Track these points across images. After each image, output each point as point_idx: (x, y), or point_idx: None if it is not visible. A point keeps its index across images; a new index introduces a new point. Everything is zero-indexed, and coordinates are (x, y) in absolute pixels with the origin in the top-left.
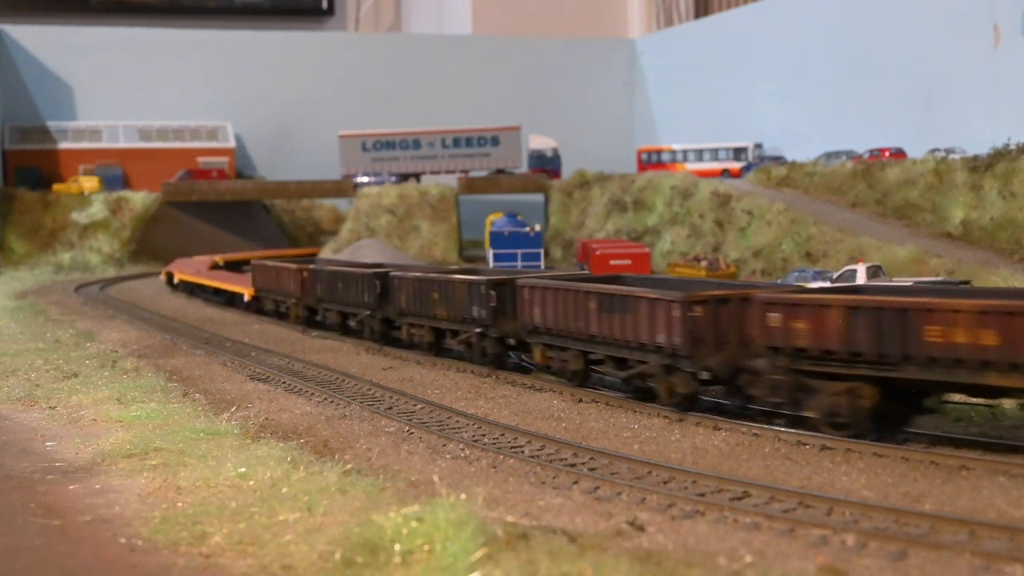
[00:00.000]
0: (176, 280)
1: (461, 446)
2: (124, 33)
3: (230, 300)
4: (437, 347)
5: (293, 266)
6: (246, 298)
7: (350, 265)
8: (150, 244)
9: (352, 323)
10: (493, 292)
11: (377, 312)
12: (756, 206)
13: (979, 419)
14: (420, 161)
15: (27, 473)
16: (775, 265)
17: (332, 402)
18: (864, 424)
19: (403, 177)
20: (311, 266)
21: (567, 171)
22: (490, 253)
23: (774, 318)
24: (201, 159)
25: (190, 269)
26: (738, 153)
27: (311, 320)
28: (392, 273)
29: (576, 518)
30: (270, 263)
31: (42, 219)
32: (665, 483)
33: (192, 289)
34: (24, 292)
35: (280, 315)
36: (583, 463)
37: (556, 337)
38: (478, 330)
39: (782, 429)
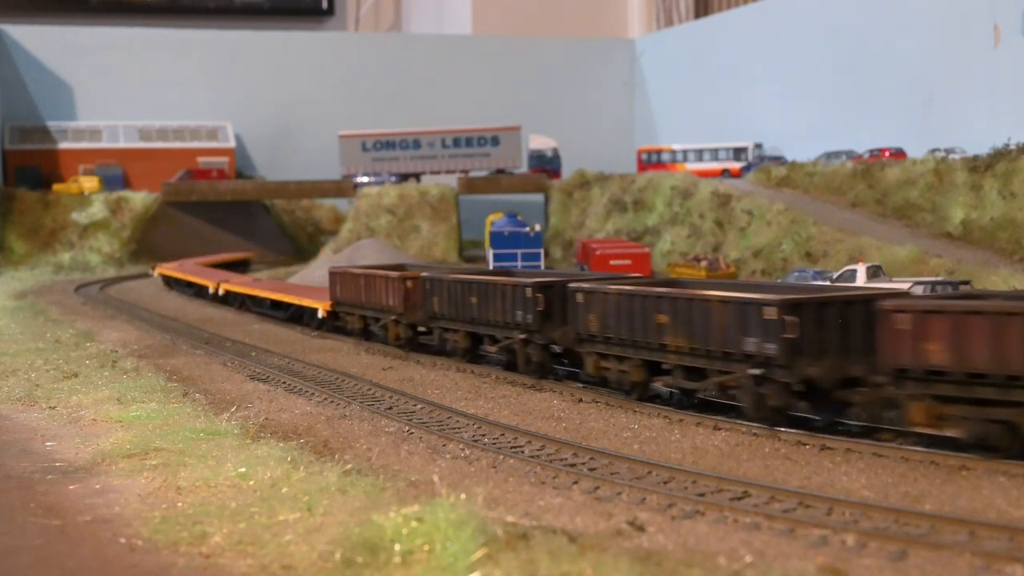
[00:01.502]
0: (222, 292)
1: (461, 446)
2: (124, 33)
3: (297, 316)
4: (645, 388)
5: (394, 274)
6: (320, 314)
7: (487, 273)
8: (150, 244)
9: (490, 349)
10: (792, 318)
11: (537, 336)
12: (756, 206)
13: None
14: (420, 161)
15: (27, 473)
16: (775, 265)
17: (332, 402)
18: None
19: (403, 177)
20: (423, 273)
21: (567, 171)
22: (490, 253)
23: None
24: (201, 159)
25: (182, 271)
26: (738, 153)
27: (415, 342)
28: (574, 285)
29: (576, 518)
30: (357, 270)
31: (42, 219)
32: (665, 483)
33: (243, 302)
34: (24, 292)
35: (368, 335)
36: (583, 463)
37: (968, 385)
38: (755, 371)
39: (782, 429)
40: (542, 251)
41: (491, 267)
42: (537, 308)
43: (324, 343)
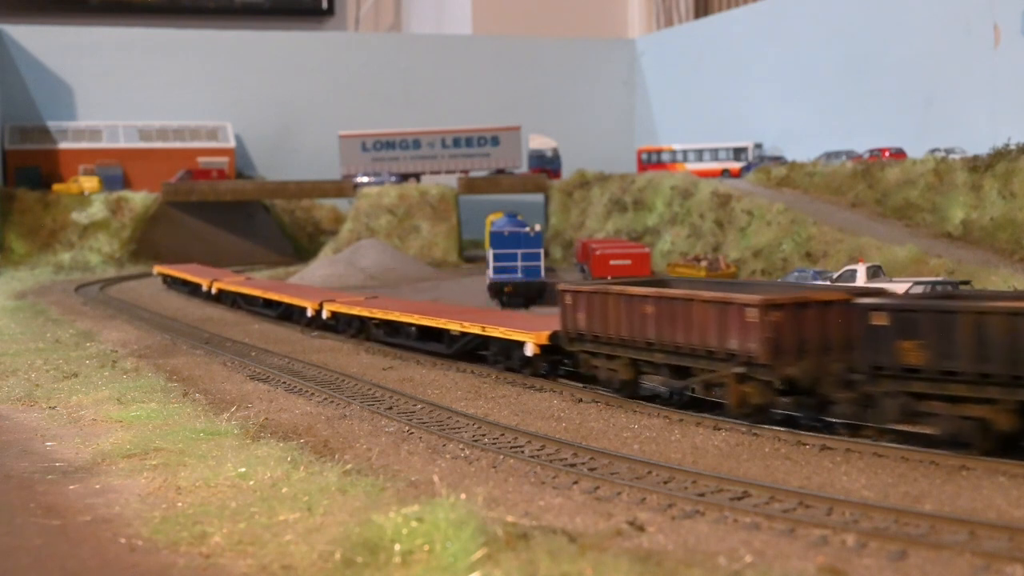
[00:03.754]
0: (327, 313)
1: (461, 446)
2: (124, 33)
3: (470, 351)
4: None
5: (750, 298)
6: (530, 350)
7: None
8: (150, 244)
9: None
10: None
11: None
12: (756, 206)
13: None
14: (420, 161)
15: (27, 473)
16: (775, 265)
17: (332, 402)
18: None
19: (403, 177)
20: (853, 299)
21: (567, 171)
22: (490, 253)
23: None
24: (201, 159)
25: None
26: (738, 153)
27: (762, 412)
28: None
29: (576, 518)
30: (639, 289)
31: (42, 219)
32: (665, 483)
33: (362, 326)
34: (24, 292)
35: (635, 389)
36: (583, 463)
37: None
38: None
39: (782, 429)
40: (542, 251)
41: (490, 270)
42: None
43: (324, 343)
